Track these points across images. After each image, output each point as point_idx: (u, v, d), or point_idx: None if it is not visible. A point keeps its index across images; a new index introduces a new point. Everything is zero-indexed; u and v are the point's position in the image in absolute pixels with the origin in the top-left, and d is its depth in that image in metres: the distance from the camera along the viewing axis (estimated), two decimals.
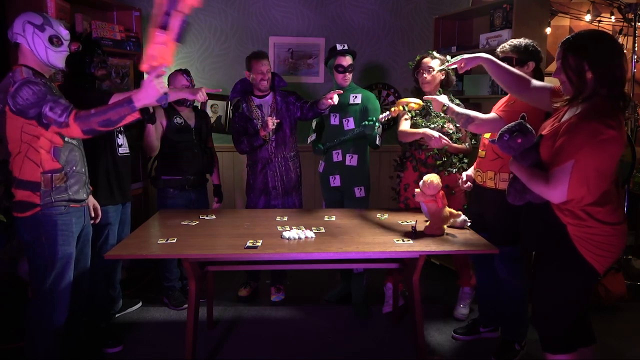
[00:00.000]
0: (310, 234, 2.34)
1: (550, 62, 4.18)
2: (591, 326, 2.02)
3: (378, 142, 3.04)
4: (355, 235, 2.36)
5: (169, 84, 3.11)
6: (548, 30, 3.78)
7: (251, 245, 2.19)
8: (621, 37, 4.59)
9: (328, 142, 3.12)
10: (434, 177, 2.35)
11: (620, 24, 4.55)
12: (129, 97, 1.98)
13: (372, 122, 2.85)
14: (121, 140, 2.77)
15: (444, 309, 3.19)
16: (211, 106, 4.15)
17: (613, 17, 4.61)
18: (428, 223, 2.40)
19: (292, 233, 2.32)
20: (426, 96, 2.71)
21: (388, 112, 2.74)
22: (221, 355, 2.65)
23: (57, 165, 2.09)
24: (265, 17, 4.17)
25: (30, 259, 2.16)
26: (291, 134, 3.18)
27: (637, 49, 4.14)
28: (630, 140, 3.66)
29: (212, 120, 4.05)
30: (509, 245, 2.40)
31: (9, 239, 2.94)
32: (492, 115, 2.39)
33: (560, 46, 1.81)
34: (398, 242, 2.26)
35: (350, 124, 3.06)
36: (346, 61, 3.03)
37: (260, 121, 3.08)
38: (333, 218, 2.70)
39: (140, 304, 3.22)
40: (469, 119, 2.38)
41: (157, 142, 3.03)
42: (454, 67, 2.27)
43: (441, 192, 2.35)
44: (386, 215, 2.73)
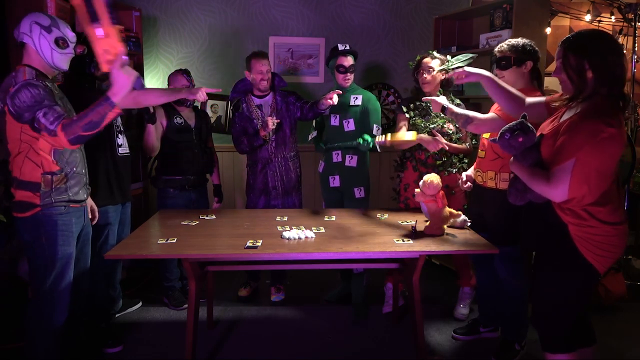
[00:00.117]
0: (310, 234, 2.34)
1: (550, 62, 4.19)
2: (592, 326, 2.02)
3: (378, 149, 3.03)
4: (355, 235, 2.36)
5: (169, 84, 3.12)
6: (548, 30, 3.78)
7: (251, 245, 2.19)
8: (621, 37, 4.59)
9: (329, 143, 3.12)
10: (434, 177, 2.35)
11: (620, 24, 4.55)
12: (106, 94, 1.97)
13: (367, 142, 2.80)
14: (121, 140, 2.77)
15: (444, 309, 3.19)
16: (211, 106, 4.15)
17: (613, 17, 4.61)
18: (428, 223, 2.40)
19: (292, 233, 2.32)
20: (425, 97, 2.71)
21: (383, 138, 2.66)
22: (221, 355, 2.65)
23: (57, 167, 2.09)
24: (265, 17, 4.17)
25: (30, 259, 2.15)
26: (291, 134, 3.18)
27: (637, 49, 4.14)
28: (630, 140, 3.66)
29: (212, 120, 4.05)
30: (509, 245, 2.40)
31: (9, 239, 2.94)
32: (491, 115, 2.39)
33: (560, 45, 1.81)
34: (398, 242, 2.26)
35: (351, 125, 3.06)
36: (347, 61, 3.01)
37: (260, 121, 3.08)
38: (333, 218, 2.70)
39: (140, 304, 3.22)
40: (467, 119, 2.38)
41: (158, 142, 3.04)
42: (455, 70, 2.27)
43: (441, 192, 2.35)
44: (386, 215, 2.73)
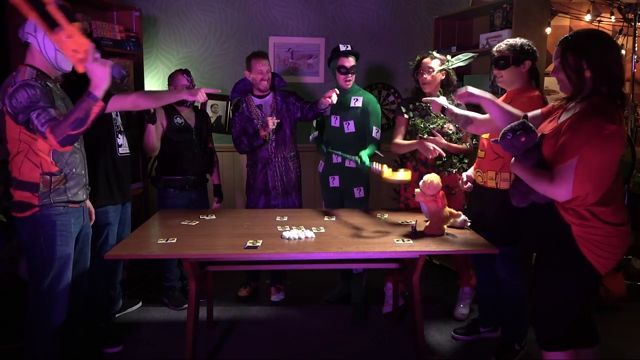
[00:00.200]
0: (310, 234, 2.34)
1: (550, 62, 4.17)
2: (594, 327, 2.02)
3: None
4: (355, 235, 2.36)
5: (169, 84, 3.12)
6: (548, 30, 3.78)
7: (251, 245, 2.19)
8: (621, 37, 4.59)
9: (329, 143, 3.11)
10: (434, 177, 2.35)
11: (620, 24, 4.55)
12: (87, 90, 1.96)
13: (365, 164, 2.77)
14: (121, 140, 2.77)
15: (444, 309, 3.19)
16: (211, 106, 4.15)
17: (613, 17, 4.61)
18: (428, 223, 2.40)
19: (292, 233, 2.32)
20: (425, 98, 2.71)
21: (379, 166, 2.61)
22: (221, 355, 2.65)
23: (56, 167, 2.08)
24: (265, 17, 4.17)
25: (29, 259, 2.16)
26: (291, 134, 3.18)
27: (637, 48, 4.14)
28: (630, 140, 3.66)
29: (212, 120, 4.06)
30: (509, 245, 2.40)
31: (9, 239, 2.94)
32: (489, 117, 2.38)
33: (558, 45, 1.81)
34: (398, 242, 2.26)
35: (351, 127, 3.05)
36: (349, 62, 2.99)
37: (260, 121, 3.08)
38: (333, 218, 2.70)
39: (140, 304, 3.22)
40: (467, 120, 2.38)
41: (158, 142, 3.04)
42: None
43: (441, 192, 2.35)
44: (386, 215, 2.73)
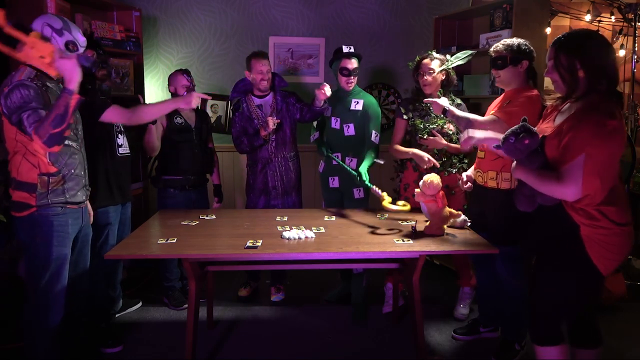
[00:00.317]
0: (310, 234, 2.34)
1: None
2: (598, 329, 2.02)
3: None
4: (355, 235, 2.36)
5: (170, 84, 3.12)
6: (548, 30, 3.78)
7: (251, 245, 2.19)
8: (621, 37, 4.59)
9: (330, 145, 3.09)
10: (434, 177, 2.35)
11: (620, 24, 4.55)
12: (63, 87, 1.99)
13: (364, 182, 2.77)
14: (121, 140, 2.77)
15: (444, 309, 3.19)
16: (211, 106, 4.15)
17: (613, 17, 4.61)
18: (428, 223, 2.40)
19: (292, 233, 2.32)
20: (427, 99, 2.70)
21: (379, 190, 2.64)
22: (221, 355, 2.65)
23: (54, 168, 2.09)
24: (265, 17, 4.17)
25: (27, 259, 2.17)
26: (291, 134, 3.18)
27: (637, 49, 4.14)
28: (630, 140, 3.66)
29: (212, 120, 4.05)
30: (509, 245, 2.40)
31: (9, 239, 2.94)
32: (491, 117, 2.38)
33: (551, 46, 1.83)
34: (398, 242, 2.26)
35: (351, 130, 3.04)
36: (351, 64, 2.97)
37: (260, 121, 3.08)
38: (333, 218, 2.70)
39: (140, 304, 3.22)
40: (469, 122, 2.38)
41: (158, 142, 3.04)
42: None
43: (441, 192, 2.35)
44: (386, 215, 2.73)
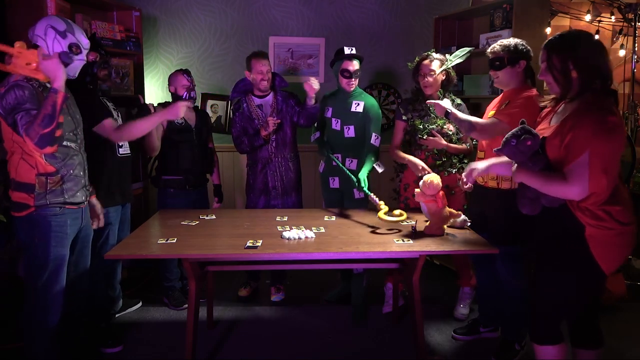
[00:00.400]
0: (310, 234, 2.34)
1: None
2: (599, 330, 2.02)
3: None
4: (355, 235, 2.36)
5: (170, 84, 3.12)
6: (548, 30, 3.78)
7: (251, 245, 2.19)
8: (621, 37, 4.59)
9: (330, 147, 3.08)
10: (434, 177, 2.35)
11: (620, 24, 4.56)
12: (48, 88, 1.99)
13: (363, 190, 2.76)
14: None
15: (444, 309, 3.19)
16: (211, 106, 4.15)
17: (613, 17, 4.61)
18: (428, 223, 2.40)
19: (292, 233, 2.32)
20: (429, 101, 2.70)
21: (377, 199, 2.63)
22: (221, 355, 2.65)
23: (52, 168, 2.09)
24: (265, 17, 4.17)
25: (25, 259, 2.17)
26: (292, 134, 3.18)
27: (637, 49, 4.14)
28: (630, 140, 3.67)
29: (212, 120, 4.05)
30: (509, 245, 2.40)
31: (9, 239, 2.94)
32: (492, 120, 2.38)
33: (543, 48, 1.84)
34: (398, 242, 2.26)
35: (351, 132, 3.04)
36: (353, 66, 2.95)
37: (260, 121, 3.08)
38: (333, 218, 2.70)
39: (140, 304, 3.22)
40: (471, 126, 2.38)
41: (158, 142, 3.03)
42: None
43: (441, 192, 2.35)
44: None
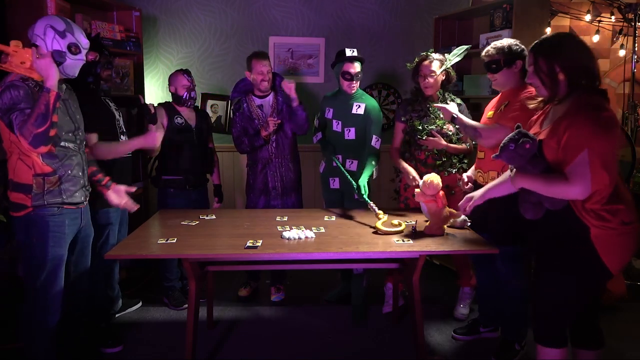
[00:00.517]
0: (310, 234, 2.34)
1: None
2: (600, 330, 2.01)
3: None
4: (355, 235, 2.37)
5: (170, 84, 3.12)
6: (548, 30, 3.78)
7: (251, 245, 2.19)
8: (621, 37, 4.59)
9: (333, 150, 3.06)
10: (434, 177, 2.35)
11: (620, 24, 4.55)
12: (41, 88, 1.99)
13: (362, 196, 2.76)
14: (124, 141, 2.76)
15: (444, 309, 3.19)
16: (211, 106, 4.15)
17: (613, 17, 4.61)
18: (428, 223, 2.40)
19: (292, 233, 2.32)
20: (437, 104, 2.70)
21: (374, 207, 2.64)
22: (221, 355, 2.65)
23: (49, 168, 2.08)
24: (265, 17, 4.17)
25: (24, 259, 2.17)
26: (292, 135, 3.17)
27: (637, 49, 4.14)
28: (630, 140, 3.67)
29: (212, 120, 4.05)
30: (509, 245, 2.40)
31: (9, 239, 2.93)
32: (495, 125, 2.37)
33: (529, 51, 1.85)
34: (398, 242, 2.26)
35: (351, 134, 3.03)
36: (354, 69, 2.94)
37: (261, 121, 3.08)
38: (333, 218, 2.70)
39: (140, 304, 3.22)
40: (476, 133, 2.39)
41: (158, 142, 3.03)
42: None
43: (441, 192, 2.35)
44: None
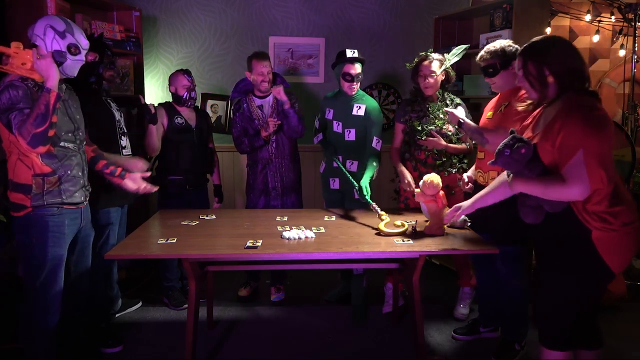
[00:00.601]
0: (310, 234, 2.34)
1: None
2: (599, 330, 2.01)
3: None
4: (355, 235, 2.37)
5: (170, 84, 3.12)
6: (548, 30, 3.78)
7: (251, 245, 2.19)
8: (621, 37, 4.59)
9: (334, 151, 3.06)
10: (434, 177, 2.35)
11: (620, 24, 4.55)
12: (41, 88, 2.00)
13: (364, 196, 2.75)
14: (124, 142, 2.77)
15: (444, 309, 3.19)
16: (211, 106, 4.15)
17: (613, 17, 4.60)
18: (428, 223, 2.40)
19: (292, 233, 2.32)
20: (447, 109, 2.70)
21: (377, 208, 2.63)
22: (221, 355, 2.65)
23: (48, 169, 2.08)
24: (265, 17, 4.17)
25: (24, 259, 2.17)
26: None
27: (637, 49, 4.14)
28: (630, 140, 3.67)
29: (212, 120, 4.05)
30: (509, 245, 2.40)
31: (9, 239, 2.94)
32: (500, 129, 2.37)
33: (518, 55, 1.86)
34: (398, 242, 2.26)
35: (352, 135, 3.03)
36: (355, 70, 2.92)
37: (261, 121, 3.08)
38: (333, 218, 2.70)
39: (140, 304, 3.22)
40: (483, 139, 2.39)
41: (159, 142, 3.04)
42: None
43: (441, 192, 2.35)
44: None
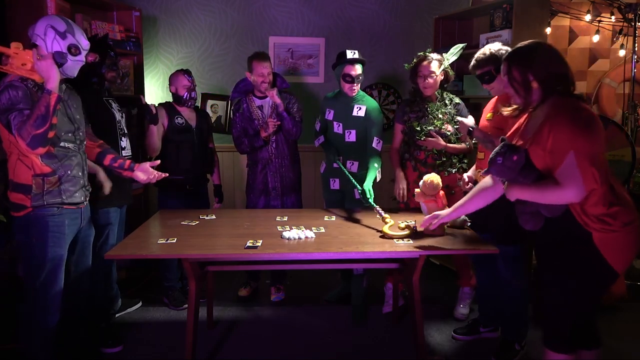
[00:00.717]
0: (310, 234, 2.34)
1: None
2: (597, 330, 2.02)
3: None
4: (355, 235, 2.37)
5: (170, 84, 3.12)
6: (548, 30, 3.78)
7: (251, 245, 2.20)
8: (621, 37, 4.59)
9: (335, 153, 3.04)
10: (434, 177, 2.35)
11: (620, 24, 4.55)
12: (41, 88, 2.00)
13: (367, 199, 2.72)
14: (124, 142, 2.77)
15: (444, 309, 3.19)
16: (211, 106, 4.15)
17: (613, 17, 4.60)
18: None
19: (292, 233, 2.32)
20: (459, 118, 2.70)
21: (381, 211, 2.58)
22: (221, 355, 2.65)
23: (48, 169, 2.08)
24: (265, 17, 4.17)
25: (24, 259, 2.17)
26: None
27: (637, 49, 4.14)
28: (630, 140, 3.66)
29: (212, 120, 4.05)
30: (509, 245, 2.40)
31: (9, 239, 2.94)
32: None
33: (503, 61, 1.87)
34: (398, 242, 2.26)
35: (352, 136, 3.02)
36: (355, 71, 2.91)
37: (261, 122, 3.08)
38: (333, 218, 2.70)
39: (140, 304, 3.22)
40: (492, 145, 2.38)
41: (159, 142, 3.04)
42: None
43: (441, 192, 2.35)
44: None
